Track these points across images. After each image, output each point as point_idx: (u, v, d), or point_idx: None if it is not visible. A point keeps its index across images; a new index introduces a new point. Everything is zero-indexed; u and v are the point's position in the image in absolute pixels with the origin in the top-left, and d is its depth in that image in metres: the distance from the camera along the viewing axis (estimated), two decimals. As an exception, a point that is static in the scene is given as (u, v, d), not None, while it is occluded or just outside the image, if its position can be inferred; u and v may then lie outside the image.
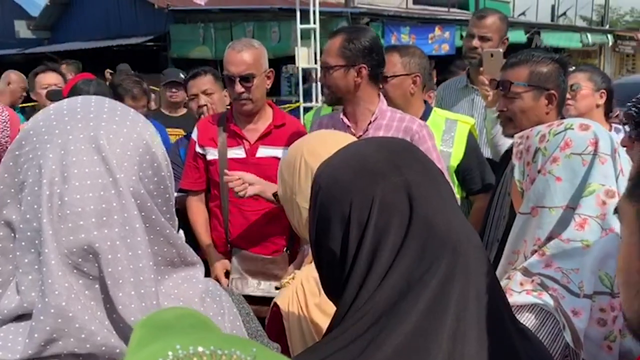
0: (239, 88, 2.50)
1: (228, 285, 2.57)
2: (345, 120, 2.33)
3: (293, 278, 1.35)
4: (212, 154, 2.65)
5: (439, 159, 2.29)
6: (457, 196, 2.59)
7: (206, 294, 0.88)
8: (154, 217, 0.79)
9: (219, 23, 11.52)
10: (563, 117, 2.03)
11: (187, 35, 12.13)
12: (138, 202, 0.78)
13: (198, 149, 2.69)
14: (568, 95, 2.76)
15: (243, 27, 10.98)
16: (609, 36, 19.38)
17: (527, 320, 1.23)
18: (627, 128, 1.91)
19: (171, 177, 0.86)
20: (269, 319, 1.35)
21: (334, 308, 1.21)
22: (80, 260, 0.74)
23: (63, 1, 15.62)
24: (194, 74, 3.26)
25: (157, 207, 0.81)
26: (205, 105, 3.15)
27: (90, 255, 0.74)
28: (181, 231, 2.87)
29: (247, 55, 2.53)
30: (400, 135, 2.22)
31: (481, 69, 2.68)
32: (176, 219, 0.89)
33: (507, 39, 3.14)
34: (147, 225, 0.78)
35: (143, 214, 0.78)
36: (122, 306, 0.73)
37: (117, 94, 3.18)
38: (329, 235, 0.88)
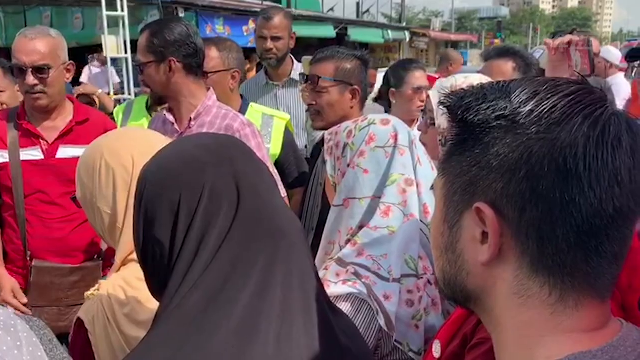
0: (31, 80, 2.23)
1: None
2: (169, 117, 2.22)
3: (98, 289, 1.25)
4: (1, 157, 2.33)
5: (265, 158, 2.24)
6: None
7: None
8: None
9: (9, 6, 10.23)
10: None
11: (-30, 18, 10.60)
12: None
13: None
14: (425, 96, 2.91)
15: (39, 12, 9.91)
16: (406, 33, 21.39)
17: (344, 309, 1.28)
18: (423, 115, 2.10)
19: None
20: (72, 334, 1.24)
21: (149, 317, 1.15)
22: None
23: None
24: None
25: None
26: None
27: None
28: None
29: (41, 43, 2.26)
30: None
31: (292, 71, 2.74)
32: None
33: (295, 33, 3.26)
34: None
35: None
36: None
37: None
38: (157, 225, 0.88)
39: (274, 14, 3.14)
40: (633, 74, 5.12)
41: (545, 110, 0.59)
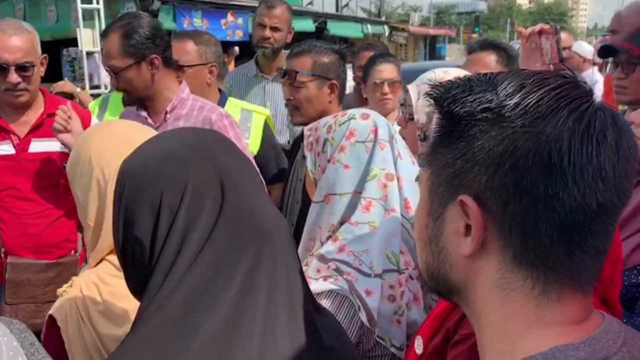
0: (14, 78, 2.19)
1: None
2: (142, 112, 2.17)
3: (71, 285, 1.24)
4: None
5: (244, 149, 2.23)
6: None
7: None
8: None
9: (-21, -2, 9.98)
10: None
11: (-61, 9, 10.29)
12: None
13: None
14: (387, 89, 2.90)
15: (11, 5, 9.64)
16: (385, 27, 21.41)
17: (325, 306, 1.27)
18: (402, 110, 2.09)
19: None
20: (45, 333, 1.22)
21: (123, 314, 1.14)
22: None
23: None
24: None
25: None
26: None
27: None
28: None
29: (22, 40, 2.21)
30: (199, 127, 2.14)
31: (275, 65, 2.72)
32: None
33: (293, 28, 3.24)
34: None
35: None
36: None
37: None
38: (137, 224, 0.85)
39: (277, 4, 3.11)
40: (607, 70, 5.19)
41: (531, 104, 0.59)
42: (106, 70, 2.17)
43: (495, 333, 0.63)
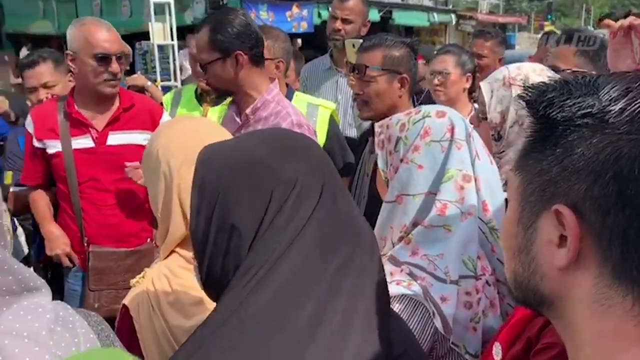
0: (116, 67, 2.33)
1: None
2: (234, 109, 2.20)
3: (143, 277, 1.27)
4: (54, 147, 2.39)
5: None
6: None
7: (55, 324, 0.78)
8: None
9: (60, -5, 10.50)
10: (426, 103, 2.10)
11: (24, 7, 10.91)
12: None
13: (36, 143, 2.40)
14: (437, 81, 2.87)
15: (89, 0, 10.09)
16: (452, 15, 20.86)
17: (398, 311, 1.24)
18: (475, 106, 2.02)
19: None
20: (119, 321, 1.27)
21: (192, 306, 1.17)
22: None
23: None
24: (30, 62, 2.86)
25: None
26: (46, 98, 2.78)
27: None
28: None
29: (116, 33, 2.37)
30: None
31: (345, 58, 2.71)
32: (7, 239, 0.76)
33: (369, 21, 3.21)
34: None
35: None
36: None
37: None
38: (238, 216, 0.85)
39: None
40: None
41: (639, 110, 0.55)
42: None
43: (590, 351, 0.59)
